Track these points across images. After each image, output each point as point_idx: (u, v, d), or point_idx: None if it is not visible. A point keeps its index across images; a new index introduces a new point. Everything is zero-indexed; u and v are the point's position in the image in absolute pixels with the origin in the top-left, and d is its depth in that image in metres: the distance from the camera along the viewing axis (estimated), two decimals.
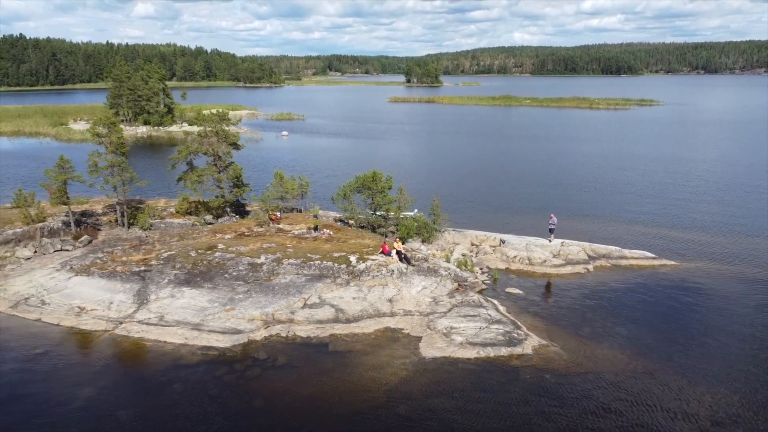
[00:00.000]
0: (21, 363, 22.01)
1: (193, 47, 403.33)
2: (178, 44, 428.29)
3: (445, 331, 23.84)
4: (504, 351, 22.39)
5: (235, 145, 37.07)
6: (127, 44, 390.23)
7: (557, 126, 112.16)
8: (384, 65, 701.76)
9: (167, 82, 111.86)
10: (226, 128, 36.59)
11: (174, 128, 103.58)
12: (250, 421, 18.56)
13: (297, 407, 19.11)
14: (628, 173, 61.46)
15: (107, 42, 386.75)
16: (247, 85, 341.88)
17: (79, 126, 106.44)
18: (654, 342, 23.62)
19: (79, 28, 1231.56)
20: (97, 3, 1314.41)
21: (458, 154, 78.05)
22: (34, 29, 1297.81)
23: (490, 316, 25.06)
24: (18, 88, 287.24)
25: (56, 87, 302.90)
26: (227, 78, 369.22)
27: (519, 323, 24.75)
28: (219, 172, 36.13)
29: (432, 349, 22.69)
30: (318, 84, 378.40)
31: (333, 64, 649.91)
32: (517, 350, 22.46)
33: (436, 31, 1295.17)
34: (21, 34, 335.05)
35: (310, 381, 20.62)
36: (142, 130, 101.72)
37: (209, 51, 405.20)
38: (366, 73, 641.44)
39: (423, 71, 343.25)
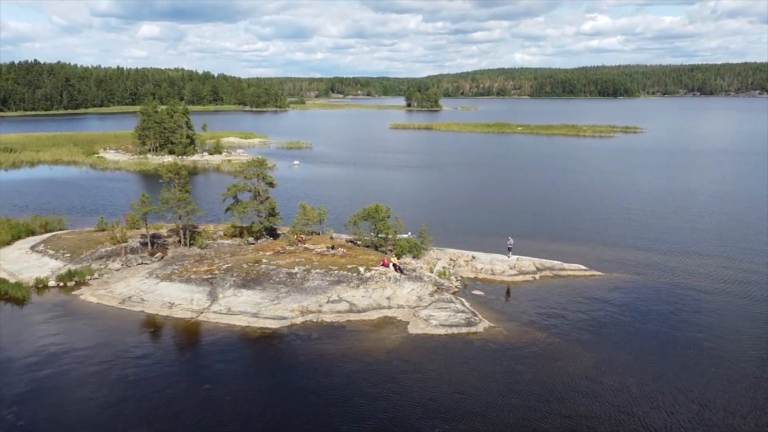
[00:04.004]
0: (142, 337, 33.07)
1: (197, 68, 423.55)
2: (185, 68, 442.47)
3: (425, 317, 34.83)
4: (464, 330, 33.40)
5: (271, 184, 48.42)
6: (137, 69, 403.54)
7: (540, 155, 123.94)
8: (385, 87, 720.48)
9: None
10: (264, 172, 47.98)
11: (196, 157, 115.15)
12: (296, 370, 29.47)
13: (326, 362, 30.02)
14: (583, 200, 72.57)
15: (117, 67, 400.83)
16: (253, 109, 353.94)
17: (110, 155, 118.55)
18: (571, 326, 34.48)
19: (85, 50, 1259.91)
20: (103, 25, 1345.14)
21: (446, 184, 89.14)
22: (41, 50, 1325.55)
23: (457, 308, 36.06)
24: (33, 113, 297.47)
25: (69, 111, 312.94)
26: (233, 102, 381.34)
27: (477, 313, 35.74)
28: (259, 204, 47.40)
29: (416, 328, 33.68)
30: (322, 108, 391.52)
31: (335, 86, 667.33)
32: (473, 329, 33.44)
33: (437, 52, 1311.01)
34: (36, 60, 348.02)
35: (334, 347, 31.60)
36: (167, 160, 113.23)
37: (216, 75, 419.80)
38: (368, 95, 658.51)
39: (423, 96, 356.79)
